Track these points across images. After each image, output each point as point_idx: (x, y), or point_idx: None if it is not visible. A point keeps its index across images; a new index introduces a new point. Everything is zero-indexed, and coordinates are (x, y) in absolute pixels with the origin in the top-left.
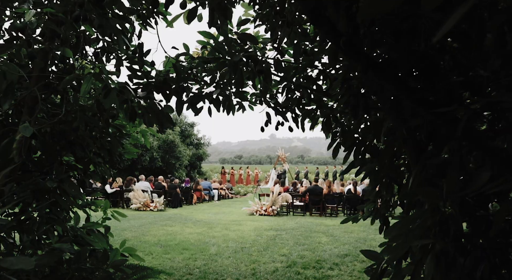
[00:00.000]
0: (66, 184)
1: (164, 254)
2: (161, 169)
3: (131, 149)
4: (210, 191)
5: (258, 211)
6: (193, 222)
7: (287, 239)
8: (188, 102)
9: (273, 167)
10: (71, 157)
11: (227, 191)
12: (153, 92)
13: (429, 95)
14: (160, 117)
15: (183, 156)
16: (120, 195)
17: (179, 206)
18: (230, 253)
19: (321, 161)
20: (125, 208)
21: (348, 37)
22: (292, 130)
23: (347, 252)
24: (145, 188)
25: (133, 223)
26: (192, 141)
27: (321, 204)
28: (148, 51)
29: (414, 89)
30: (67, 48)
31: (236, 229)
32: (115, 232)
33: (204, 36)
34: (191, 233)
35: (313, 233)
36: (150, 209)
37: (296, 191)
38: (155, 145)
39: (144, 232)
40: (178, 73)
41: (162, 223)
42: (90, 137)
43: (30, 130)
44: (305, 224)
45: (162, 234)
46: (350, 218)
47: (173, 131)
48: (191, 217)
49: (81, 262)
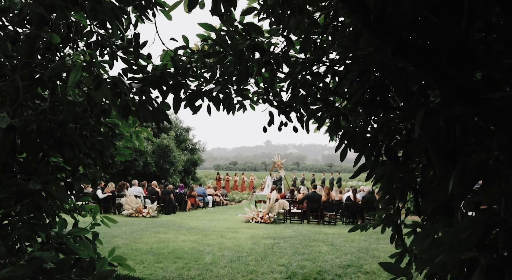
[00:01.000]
0: (52, 187)
1: (156, 263)
2: (155, 175)
3: (123, 150)
4: (204, 197)
5: (254, 218)
6: (187, 229)
7: (286, 248)
8: (186, 99)
9: (268, 174)
10: (60, 158)
11: (221, 198)
12: (149, 87)
13: (469, 83)
14: (156, 113)
15: (178, 161)
16: (112, 200)
17: (173, 212)
18: (226, 262)
19: (316, 168)
20: (117, 214)
21: (378, 13)
22: (297, 130)
23: (350, 262)
24: (138, 194)
25: (125, 229)
26: (187, 146)
27: (319, 212)
28: (145, 43)
29: (453, 76)
30: (54, 33)
31: (232, 237)
32: (105, 239)
33: (204, 28)
34: (185, 240)
35: (312, 241)
36: (142, 215)
37: (293, 198)
38: (149, 150)
39: (136, 239)
40: (177, 68)
41: (154, 230)
42: (80, 136)
43: (6, 121)
44: (303, 232)
45: (155, 241)
46: (358, 226)
47: (168, 136)
48: (185, 224)
49: (64, 273)
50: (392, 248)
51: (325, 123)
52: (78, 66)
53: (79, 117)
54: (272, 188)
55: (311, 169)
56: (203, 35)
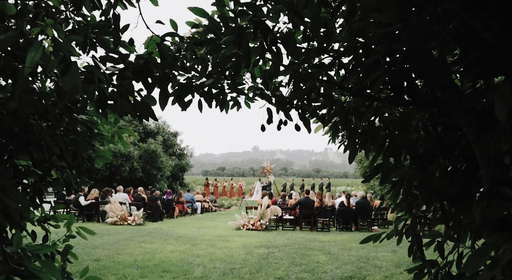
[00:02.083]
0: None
1: (141, 278)
2: (141, 180)
3: (103, 153)
4: (193, 203)
5: (245, 225)
6: (175, 238)
7: (281, 258)
8: (174, 94)
9: (258, 179)
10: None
11: (210, 204)
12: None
13: None
14: (140, 107)
15: (165, 167)
16: (95, 207)
17: (160, 219)
18: (218, 276)
19: (304, 173)
20: (100, 222)
21: None
22: (300, 129)
23: (351, 273)
24: (123, 200)
25: (107, 239)
26: (174, 152)
27: (312, 218)
28: (126, 27)
29: None
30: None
31: (223, 246)
32: (85, 251)
33: (195, 13)
34: (172, 251)
35: (308, 250)
36: (128, 223)
37: (284, 204)
38: (136, 155)
39: (119, 250)
40: (164, 57)
41: (140, 239)
42: (51, 135)
43: None
44: (297, 240)
45: (140, 252)
46: (372, 237)
47: (155, 141)
48: (173, 232)
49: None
50: (393, 256)
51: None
52: (38, 43)
53: (47, 111)
54: (263, 193)
55: (298, 174)
56: (193, 22)
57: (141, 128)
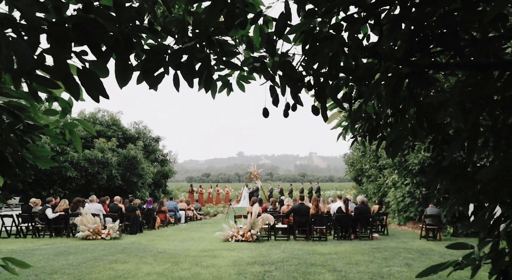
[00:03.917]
0: None
1: None
2: (121, 189)
3: (42, 152)
4: (176, 212)
5: (234, 236)
6: (154, 255)
7: (280, 278)
8: (140, 66)
9: (245, 185)
10: None
11: (195, 212)
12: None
13: None
14: (85, 79)
15: (147, 174)
16: (64, 220)
17: (139, 231)
18: None
19: (289, 178)
20: (70, 236)
21: None
22: (318, 112)
23: None
24: (96, 211)
25: (72, 259)
26: (157, 158)
27: (308, 226)
28: None
29: None
30: None
31: (209, 265)
32: (40, 277)
33: None
34: (149, 273)
35: (310, 267)
36: (101, 237)
37: (276, 211)
38: (114, 161)
39: (82, 275)
40: (119, 5)
41: (111, 258)
42: None
43: None
44: (294, 252)
45: (108, 277)
46: (433, 268)
47: (135, 146)
48: (152, 246)
49: None
50: (409, 271)
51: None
52: None
53: None
54: (253, 200)
55: (284, 179)
56: None
57: (120, 133)
